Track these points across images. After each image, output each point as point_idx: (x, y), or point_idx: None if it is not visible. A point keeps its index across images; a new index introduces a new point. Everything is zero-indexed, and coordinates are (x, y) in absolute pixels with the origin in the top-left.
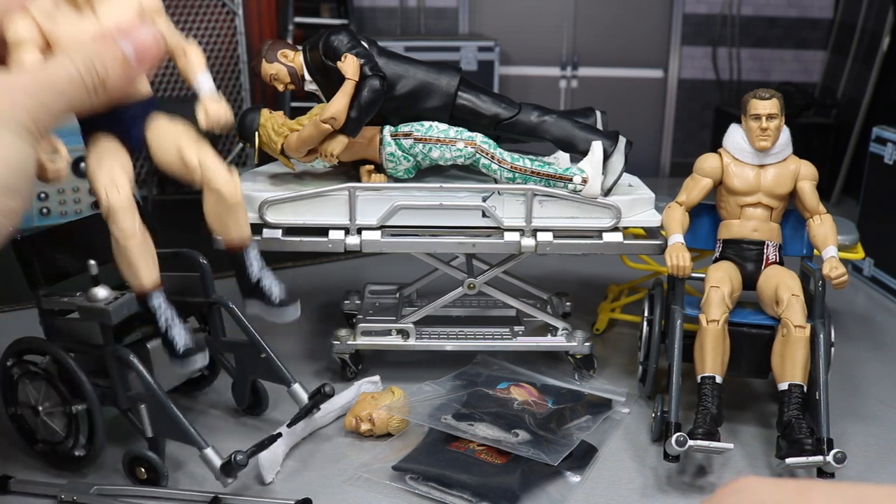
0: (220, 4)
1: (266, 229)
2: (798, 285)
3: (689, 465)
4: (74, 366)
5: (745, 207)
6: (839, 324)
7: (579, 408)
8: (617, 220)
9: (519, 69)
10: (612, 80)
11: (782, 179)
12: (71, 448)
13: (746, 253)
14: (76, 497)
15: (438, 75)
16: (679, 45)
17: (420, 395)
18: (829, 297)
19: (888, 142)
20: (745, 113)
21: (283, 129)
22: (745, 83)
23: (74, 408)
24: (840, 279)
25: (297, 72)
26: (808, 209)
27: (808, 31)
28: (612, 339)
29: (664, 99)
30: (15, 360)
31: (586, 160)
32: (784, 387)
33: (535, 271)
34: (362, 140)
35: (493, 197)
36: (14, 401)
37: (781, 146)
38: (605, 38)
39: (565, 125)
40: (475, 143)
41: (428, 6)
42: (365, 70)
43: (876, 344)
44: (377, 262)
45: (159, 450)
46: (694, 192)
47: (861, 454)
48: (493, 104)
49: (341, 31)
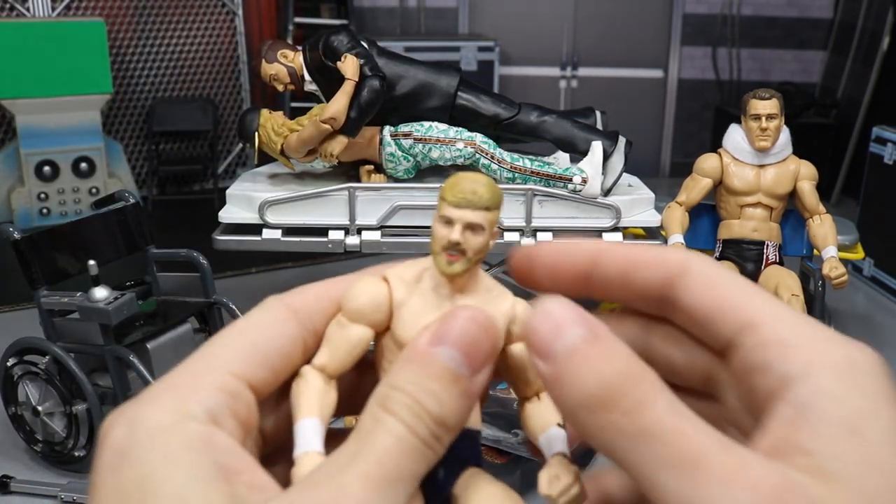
0: (219, 4)
1: (266, 229)
2: (798, 285)
3: None
4: (74, 366)
5: (744, 207)
6: (839, 324)
7: None
8: (617, 220)
9: (519, 69)
10: (612, 81)
11: (782, 179)
12: (71, 448)
13: (746, 253)
14: (76, 497)
15: (438, 75)
16: (679, 45)
17: None
18: (829, 296)
19: (888, 142)
20: (745, 113)
21: (283, 129)
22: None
23: (75, 408)
24: (840, 279)
25: (297, 72)
26: (807, 209)
27: (808, 31)
28: None
29: (664, 99)
30: (15, 360)
31: (586, 160)
32: None
33: None
34: (362, 140)
35: None
36: (14, 401)
37: (781, 146)
38: (604, 38)
39: (565, 125)
40: (475, 143)
41: (428, 6)
42: (365, 70)
43: (876, 344)
44: (377, 263)
45: None
46: (694, 193)
47: None
48: (492, 104)
49: (341, 32)
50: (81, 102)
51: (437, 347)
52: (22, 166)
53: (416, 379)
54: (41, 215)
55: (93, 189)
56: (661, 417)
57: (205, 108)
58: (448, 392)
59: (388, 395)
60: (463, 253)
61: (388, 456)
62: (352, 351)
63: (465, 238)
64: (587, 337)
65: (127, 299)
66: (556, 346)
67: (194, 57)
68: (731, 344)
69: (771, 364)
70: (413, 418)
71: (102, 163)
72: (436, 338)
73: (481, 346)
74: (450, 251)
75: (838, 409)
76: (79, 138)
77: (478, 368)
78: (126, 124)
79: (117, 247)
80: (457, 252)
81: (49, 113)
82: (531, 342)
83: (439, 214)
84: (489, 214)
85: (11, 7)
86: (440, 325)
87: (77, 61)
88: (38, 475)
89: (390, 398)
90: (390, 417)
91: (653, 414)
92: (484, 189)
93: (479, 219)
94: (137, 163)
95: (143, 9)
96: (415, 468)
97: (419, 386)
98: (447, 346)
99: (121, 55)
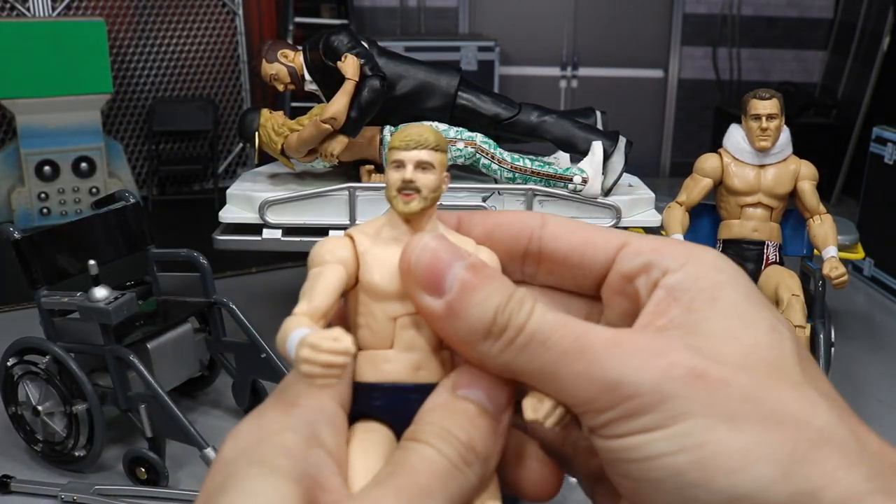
0: (220, 4)
1: (266, 229)
2: (798, 285)
3: None
4: (75, 366)
5: (745, 207)
6: (839, 324)
7: None
8: (617, 220)
9: (519, 69)
10: (613, 81)
11: (782, 179)
12: (71, 448)
13: (747, 253)
14: (76, 497)
15: (438, 75)
16: (679, 46)
17: None
18: (829, 296)
19: (888, 142)
20: (746, 113)
21: (284, 129)
22: (745, 83)
23: (75, 408)
24: (840, 279)
25: (298, 72)
26: (808, 209)
27: (808, 32)
28: None
29: (664, 99)
30: (16, 360)
31: (586, 160)
32: None
33: None
34: (362, 140)
35: (494, 197)
36: (15, 401)
37: (781, 146)
38: (605, 38)
39: (565, 125)
40: (475, 143)
41: (428, 6)
42: (365, 70)
43: (876, 344)
44: None
45: (160, 450)
46: (694, 192)
47: None
48: (493, 104)
49: (341, 32)
50: (82, 102)
51: (461, 391)
52: (22, 166)
53: (443, 414)
54: (41, 215)
55: (93, 189)
56: (547, 319)
57: (205, 108)
58: (474, 423)
59: (416, 429)
60: (418, 191)
61: (419, 474)
62: (328, 286)
63: (417, 177)
64: (471, 268)
65: (127, 299)
66: (445, 280)
67: (195, 57)
68: (606, 265)
69: (651, 263)
70: (441, 442)
71: (103, 163)
72: (458, 385)
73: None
74: (405, 191)
75: (701, 284)
76: (79, 138)
77: (503, 408)
78: (126, 124)
79: (117, 247)
80: (411, 191)
81: (49, 113)
82: (417, 278)
83: (390, 161)
84: (437, 154)
85: (12, 7)
86: (461, 373)
87: (77, 61)
88: (38, 475)
89: (419, 430)
90: (419, 444)
91: (540, 319)
92: (429, 132)
93: (428, 157)
94: (138, 163)
95: (144, 8)
96: (447, 489)
97: (446, 419)
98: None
99: (121, 55)
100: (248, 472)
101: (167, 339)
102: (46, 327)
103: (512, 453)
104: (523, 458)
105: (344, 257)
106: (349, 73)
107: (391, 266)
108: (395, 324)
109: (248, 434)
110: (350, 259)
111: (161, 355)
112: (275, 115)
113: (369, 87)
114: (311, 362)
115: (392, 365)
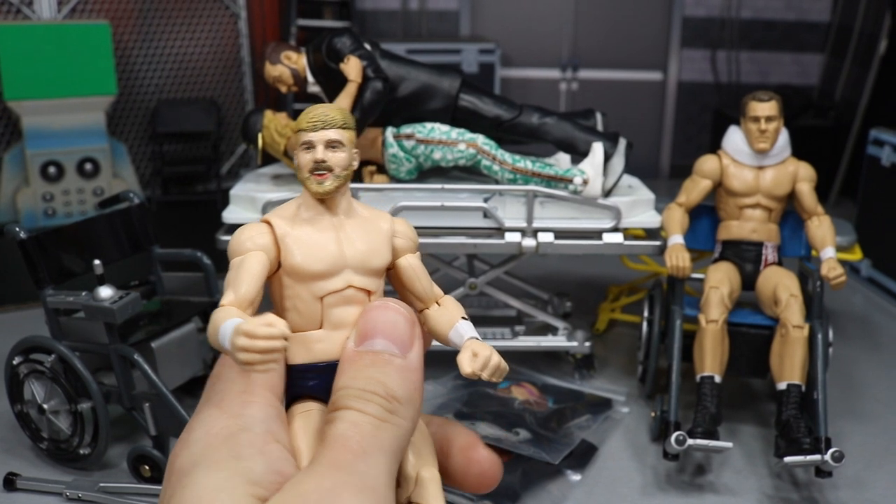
0: (223, 7)
1: None
2: (796, 286)
3: (689, 464)
4: (80, 364)
5: (744, 209)
6: (837, 324)
7: (579, 407)
8: (617, 221)
9: (519, 71)
10: (612, 83)
11: (781, 181)
12: (76, 446)
13: (745, 253)
14: (81, 494)
15: (440, 77)
16: (678, 48)
17: None
18: (827, 297)
19: (885, 144)
20: (744, 115)
21: (286, 130)
22: (744, 86)
23: (80, 406)
24: (838, 280)
25: (301, 74)
26: (806, 210)
27: (806, 35)
28: (612, 339)
29: (663, 101)
30: (21, 358)
31: (587, 161)
32: (782, 386)
33: (536, 272)
34: (365, 141)
35: (495, 198)
36: (20, 399)
37: (780, 148)
38: (605, 40)
39: (566, 127)
40: (477, 144)
41: (429, 9)
42: (367, 72)
43: (873, 344)
44: None
45: (164, 448)
46: (693, 194)
47: (858, 453)
48: (494, 106)
49: (344, 34)
50: (86, 104)
51: (364, 344)
52: (27, 167)
53: (353, 374)
54: (46, 215)
55: (97, 189)
56: None
57: (208, 110)
58: (384, 372)
59: (335, 399)
60: (330, 170)
61: (349, 439)
62: (252, 275)
63: (328, 156)
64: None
65: (132, 299)
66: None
67: (198, 58)
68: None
69: None
70: (359, 402)
71: (107, 163)
72: (359, 338)
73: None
74: (316, 171)
75: None
76: (84, 139)
77: (408, 347)
78: (130, 125)
79: (122, 247)
80: (324, 170)
81: (54, 114)
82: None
83: (299, 144)
84: (346, 132)
85: (18, 10)
86: (359, 327)
87: (82, 63)
88: (43, 472)
89: (338, 399)
90: (341, 411)
91: None
92: (335, 111)
93: (337, 136)
94: (142, 163)
95: (148, 11)
96: (381, 442)
97: (356, 379)
98: (374, 339)
99: (125, 57)
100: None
101: (171, 338)
102: (52, 326)
103: (455, 447)
104: (466, 450)
105: (264, 244)
106: (352, 75)
107: (312, 246)
108: (322, 303)
109: (200, 440)
110: (270, 245)
111: (165, 354)
112: (278, 117)
113: (372, 88)
114: (249, 350)
115: (323, 344)
